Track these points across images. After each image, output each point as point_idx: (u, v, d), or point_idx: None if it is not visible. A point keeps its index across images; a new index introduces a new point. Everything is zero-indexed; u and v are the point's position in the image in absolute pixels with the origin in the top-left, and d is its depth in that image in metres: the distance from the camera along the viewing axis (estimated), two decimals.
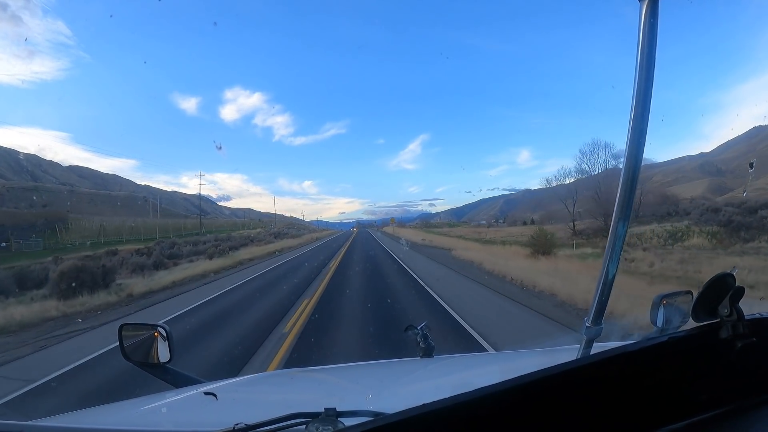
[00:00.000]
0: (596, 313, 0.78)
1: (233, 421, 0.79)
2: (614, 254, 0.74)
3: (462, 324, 6.76)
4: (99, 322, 8.43)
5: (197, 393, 1.28)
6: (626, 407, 0.64)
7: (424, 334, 1.66)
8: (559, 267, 13.50)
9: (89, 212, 50.67)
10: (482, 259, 16.18)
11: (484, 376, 1.47)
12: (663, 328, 1.12)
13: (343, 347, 5.73)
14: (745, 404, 0.71)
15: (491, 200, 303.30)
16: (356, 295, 9.89)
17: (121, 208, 61.70)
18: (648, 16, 0.67)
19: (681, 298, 1.22)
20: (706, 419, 0.68)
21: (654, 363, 0.68)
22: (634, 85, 0.70)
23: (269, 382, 1.76)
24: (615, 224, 0.74)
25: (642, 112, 0.70)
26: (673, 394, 0.67)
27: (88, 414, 1.29)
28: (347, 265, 17.32)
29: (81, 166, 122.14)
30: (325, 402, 0.81)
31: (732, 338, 0.69)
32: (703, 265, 14.67)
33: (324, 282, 12.03)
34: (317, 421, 0.77)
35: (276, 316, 7.73)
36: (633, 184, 0.71)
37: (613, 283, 0.76)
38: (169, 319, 8.12)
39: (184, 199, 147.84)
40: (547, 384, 0.60)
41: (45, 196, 54.93)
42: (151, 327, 1.48)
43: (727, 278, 0.71)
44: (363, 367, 1.94)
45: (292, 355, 5.42)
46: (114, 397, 1.95)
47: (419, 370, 1.62)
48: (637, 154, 0.71)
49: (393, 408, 0.63)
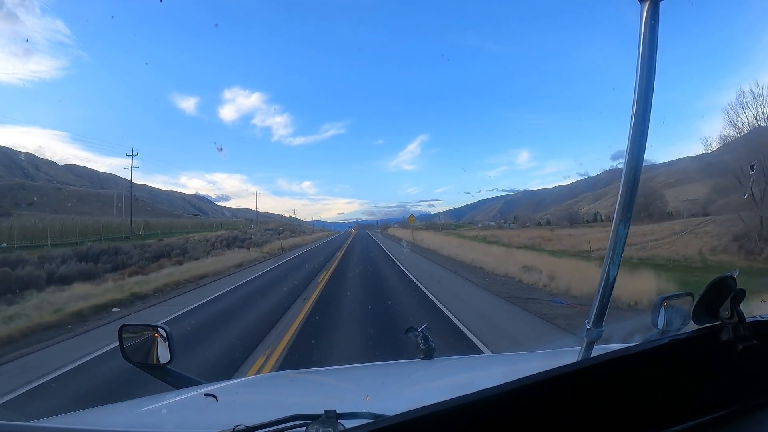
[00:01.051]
0: (597, 315, 0.78)
1: (233, 422, 0.79)
2: (615, 256, 0.74)
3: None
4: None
5: (197, 394, 1.28)
6: (628, 409, 0.64)
7: (424, 336, 1.65)
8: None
9: (72, 211, 49.87)
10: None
11: (485, 378, 1.47)
12: (664, 330, 1.12)
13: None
14: (746, 407, 0.71)
15: (491, 201, 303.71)
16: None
17: (104, 206, 61.09)
18: (649, 18, 0.68)
19: (682, 300, 1.22)
20: (708, 422, 0.68)
21: (655, 365, 0.68)
22: (635, 86, 0.70)
23: (269, 384, 1.76)
24: (616, 226, 0.74)
25: (643, 114, 0.70)
26: (674, 397, 0.67)
27: (87, 415, 1.29)
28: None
29: (78, 165, 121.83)
30: (326, 404, 0.81)
31: (733, 340, 0.69)
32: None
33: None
34: (317, 422, 0.77)
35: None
36: (634, 186, 0.71)
37: (614, 286, 0.76)
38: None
39: (182, 199, 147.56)
40: (548, 386, 0.59)
41: (33, 193, 54.47)
42: (152, 328, 1.48)
43: (729, 280, 0.71)
44: (363, 369, 1.93)
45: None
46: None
47: (420, 372, 1.62)
48: (639, 156, 0.71)
49: (393, 410, 0.63)
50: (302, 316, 8.13)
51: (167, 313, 8.96)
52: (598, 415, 0.62)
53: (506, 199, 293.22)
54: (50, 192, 63.02)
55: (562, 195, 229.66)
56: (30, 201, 48.58)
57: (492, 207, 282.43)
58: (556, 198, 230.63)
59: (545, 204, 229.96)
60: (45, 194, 58.42)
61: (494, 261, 16.45)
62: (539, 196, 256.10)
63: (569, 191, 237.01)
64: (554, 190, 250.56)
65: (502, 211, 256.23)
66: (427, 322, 1.78)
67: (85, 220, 39.96)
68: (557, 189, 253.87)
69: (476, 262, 17.56)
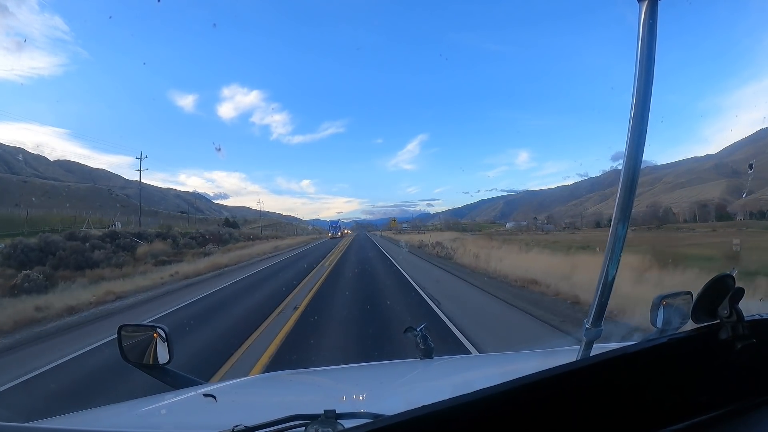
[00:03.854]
0: (596, 314, 0.78)
1: (232, 422, 0.79)
2: (614, 256, 0.74)
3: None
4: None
5: (196, 395, 1.28)
6: (626, 409, 0.64)
7: (423, 336, 1.65)
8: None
9: (37, 206, 48.83)
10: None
11: (483, 378, 1.47)
12: (663, 329, 1.12)
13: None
14: (745, 405, 0.71)
15: (491, 201, 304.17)
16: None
17: (73, 201, 60.01)
18: (647, 18, 0.68)
19: (681, 299, 1.21)
20: (706, 421, 0.68)
21: (654, 364, 0.68)
22: (634, 87, 0.70)
23: (268, 384, 1.76)
24: (615, 226, 0.74)
25: (641, 115, 0.70)
26: (672, 396, 0.67)
27: (87, 415, 1.29)
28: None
29: (69, 161, 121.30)
30: (325, 404, 0.81)
31: (732, 339, 0.69)
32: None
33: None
34: (316, 422, 0.77)
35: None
36: (633, 186, 0.72)
37: (613, 285, 0.76)
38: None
39: (177, 196, 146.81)
40: (547, 385, 0.60)
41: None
42: (151, 328, 1.48)
43: (727, 279, 0.72)
44: (362, 369, 1.93)
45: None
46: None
47: (419, 372, 1.61)
48: (637, 156, 0.71)
49: (392, 410, 0.63)
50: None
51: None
52: (596, 415, 0.62)
53: (507, 199, 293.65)
54: (11, 186, 62.01)
55: (564, 195, 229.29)
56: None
57: (493, 207, 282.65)
58: (558, 198, 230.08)
59: (547, 204, 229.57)
60: (6, 188, 57.44)
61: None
62: (540, 197, 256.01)
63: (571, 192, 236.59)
64: (555, 191, 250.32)
65: (504, 211, 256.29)
66: (426, 322, 1.76)
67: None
68: (558, 189, 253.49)
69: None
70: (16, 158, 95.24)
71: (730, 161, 61.50)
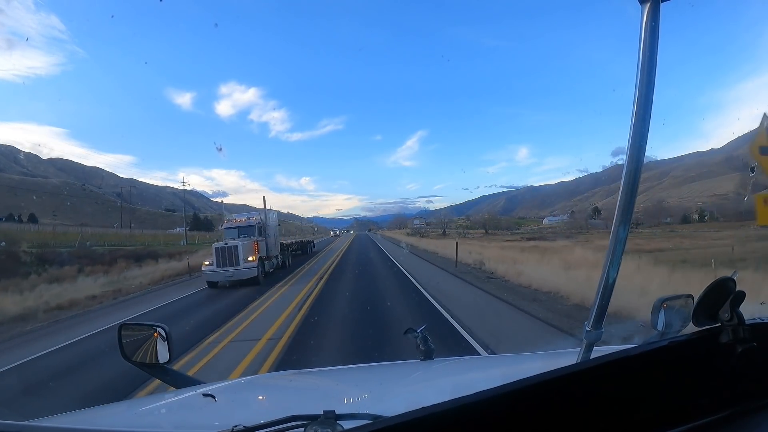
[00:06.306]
0: (597, 317, 0.78)
1: (232, 422, 0.79)
2: (615, 258, 0.74)
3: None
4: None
5: (196, 394, 1.28)
6: (627, 411, 0.64)
7: (424, 337, 1.65)
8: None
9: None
10: None
11: (484, 380, 1.47)
12: (663, 332, 1.12)
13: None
14: (745, 409, 0.71)
15: (493, 197, 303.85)
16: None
17: (43, 198, 59.36)
18: (649, 20, 0.67)
19: (681, 302, 1.21)
20: (707, 424, 0.67)
21: (654, 367, 0.68)
22: (636, 86, 0.70)
23: (268, 385, 1.76)
24: (616, 228, 0.73)
25: (643, 114, 0.70)
26: (673, 399, 0.67)
27: (86, 414, 1.29)
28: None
29: (63, 159, 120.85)
30: (324, 404, 0.81)
31: (732, 343, 0.69)
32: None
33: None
34: (316, 423, 0.76)
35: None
36: (634, 188, 0.71)
37: (614, 287, 0.76)
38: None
39: (172, 194, 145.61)
40: (547, 387, 0.60)
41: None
42: (151, 327, 1.48)
43: (728, 282, 0.71)
44: (362, 370, 1.93)
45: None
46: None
47: (419, 373, 1.61)
48: (639, 158, 0.70)
49: (392, 411, 0.63)
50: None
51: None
52: (598, 417, 0.62)
53: (508, 195, 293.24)
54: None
55: (567, 191, 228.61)
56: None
57: (494, 203, 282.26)
58: (560, 194, 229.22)
59: (550, 200, 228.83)
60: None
61: None
62: (542, 192, 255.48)
63: (573, 187, 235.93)
64: (557, 186, 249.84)
65: (505, 207, 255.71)
66: (427, 323, 1.76)
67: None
68: (560, 185, 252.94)
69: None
70: (5, 156, 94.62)
71: (741, 154, 60.50)
